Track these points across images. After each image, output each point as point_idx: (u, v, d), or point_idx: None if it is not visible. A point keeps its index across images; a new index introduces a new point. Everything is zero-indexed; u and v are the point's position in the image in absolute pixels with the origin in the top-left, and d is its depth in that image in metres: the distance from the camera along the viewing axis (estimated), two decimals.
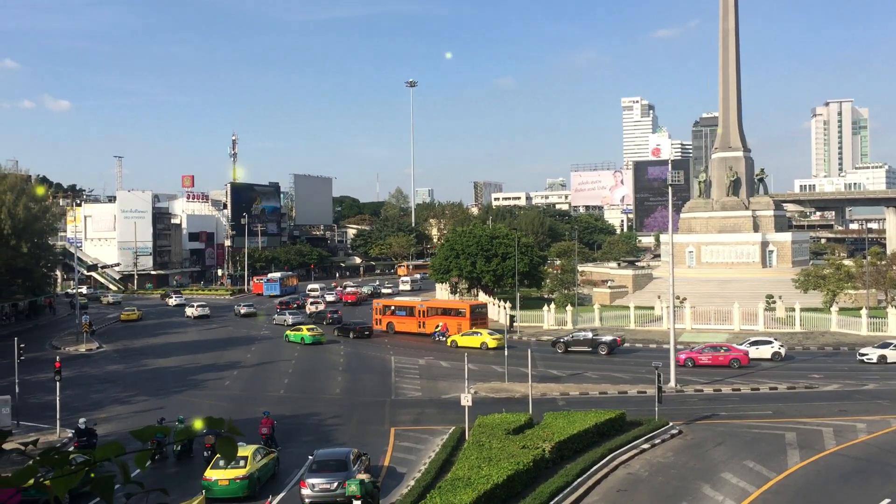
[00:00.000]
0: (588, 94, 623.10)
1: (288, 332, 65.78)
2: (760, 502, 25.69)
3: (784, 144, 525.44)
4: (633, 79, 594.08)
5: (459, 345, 59.00)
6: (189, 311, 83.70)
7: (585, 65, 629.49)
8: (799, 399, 40.63)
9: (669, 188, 53.92)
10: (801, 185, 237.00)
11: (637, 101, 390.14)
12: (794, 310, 65.82)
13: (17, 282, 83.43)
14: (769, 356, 52.21)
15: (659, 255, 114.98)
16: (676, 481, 28.08)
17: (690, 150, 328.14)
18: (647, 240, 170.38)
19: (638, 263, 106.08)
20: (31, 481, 1.63)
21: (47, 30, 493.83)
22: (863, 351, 51.90)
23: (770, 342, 53.74)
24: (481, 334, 60.10)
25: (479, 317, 66.34)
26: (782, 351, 52.79)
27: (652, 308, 72.20)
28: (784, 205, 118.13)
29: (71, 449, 1.84)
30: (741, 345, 53.19)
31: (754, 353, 51.97)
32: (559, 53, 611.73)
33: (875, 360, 50.39)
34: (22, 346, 41.63)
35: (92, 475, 1.80)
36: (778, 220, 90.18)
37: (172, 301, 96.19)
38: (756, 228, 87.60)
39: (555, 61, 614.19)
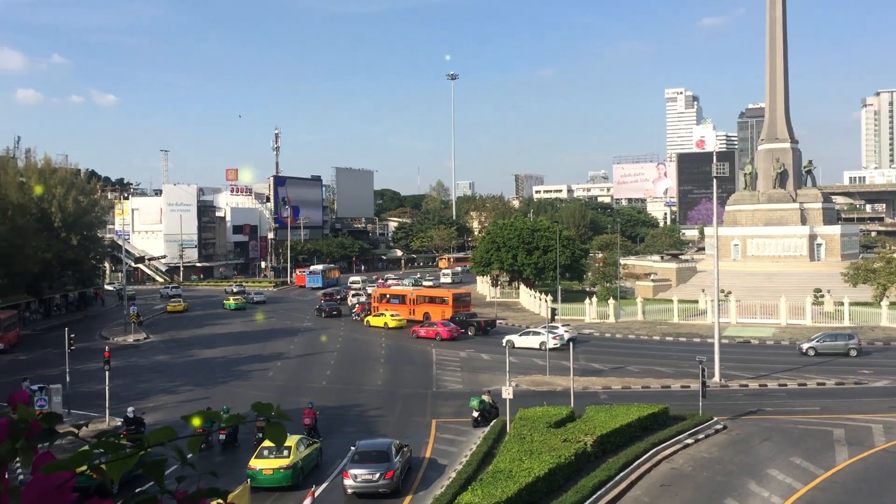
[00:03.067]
0: (631, 85, 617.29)
1: (369, 317, 69.60)
2: (807, 499, 25.26)
3: (833, 135, 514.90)
4: (676, 69, 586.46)
5: (371, 324, 67.96)
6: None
7: (628, 55, 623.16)
8: (847, 395, 39.82)
9: (714, 180, 53.06)
10: (850, 177, 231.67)
11: (681, 92, 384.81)
12: (842, 304, 64.46)
13: (68, 273, 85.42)
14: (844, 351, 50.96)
15: (703, 249, 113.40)
16: (721, 477, 27.74)
17: (736, 142, 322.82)
18: (690, 233, 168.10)
19: (681, 257, 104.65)
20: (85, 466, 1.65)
21: (94, 26, 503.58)
22: None
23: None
24: (385, 315, 67.83)
25: (461, 304, 70.14)
26: (856, 345, 51.43)
27: (696, 302, 71.30)
28: (833, 197, 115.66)
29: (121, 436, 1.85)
30: (813, 339, 52.42)
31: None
32: (601, 43, 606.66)
33: None
34: (72, 336, 42.64)
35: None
36: (826, 213, 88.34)
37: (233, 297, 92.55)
38: (804, 221, 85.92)
39: (597, 52, 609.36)
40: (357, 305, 76.81)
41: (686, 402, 36.65)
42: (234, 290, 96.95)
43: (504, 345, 54.77)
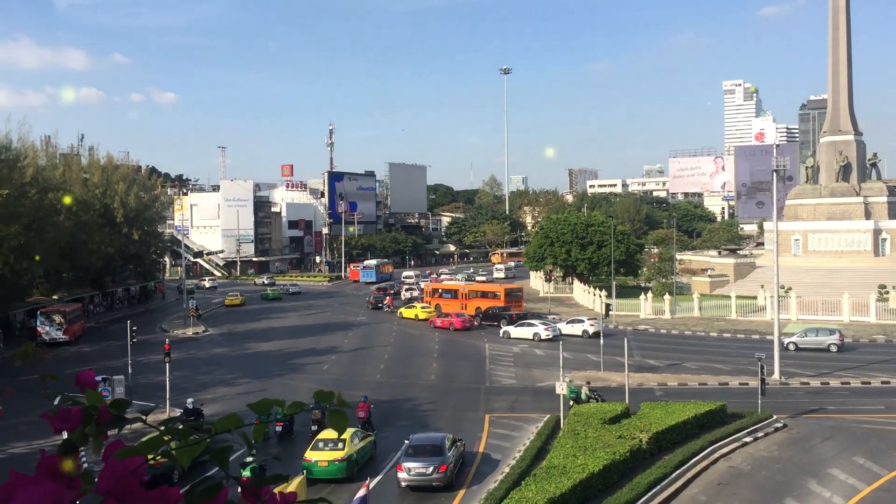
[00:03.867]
0: (687, 77, 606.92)
1: (402, 309, 71.76)
2: (871, 500, 24.60)
3: None
4: (735, 60, 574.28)
5: (403, 315, 69.93)
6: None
7: (684, 47, 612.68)
8: None
9: (774, 174, 51.84)
10: None
11: (739, 84, 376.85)
12: None
13: (130, 268, 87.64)
14: None
15: (762, 244, 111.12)
16: (781, 476, 27.17)
17: (797, 135, 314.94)
18: (749, 227, 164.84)
19: (740, 252, 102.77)
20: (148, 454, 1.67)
21: (153, 25, 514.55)
22: None
23: None
24: (416, 307, 70.19)
25: (513, 299, 69.59)
26: (837, 341, 50.40)
27: (755, 298, 69.90)
28: None
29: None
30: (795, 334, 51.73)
31: None
32: (657, 35, 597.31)
33: None
34: (134, 328, 43.75)
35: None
36: (892, 207, 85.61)
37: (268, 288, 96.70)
38: (868, 215, 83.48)
39: (652, 44, 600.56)
40: (387, 298, 78.82)
41: (744, 400, 36.00)
42: (266, 281, 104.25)
43: (501, 335, 57.52)
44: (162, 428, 1.69)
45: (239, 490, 1.75)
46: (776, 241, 51.30)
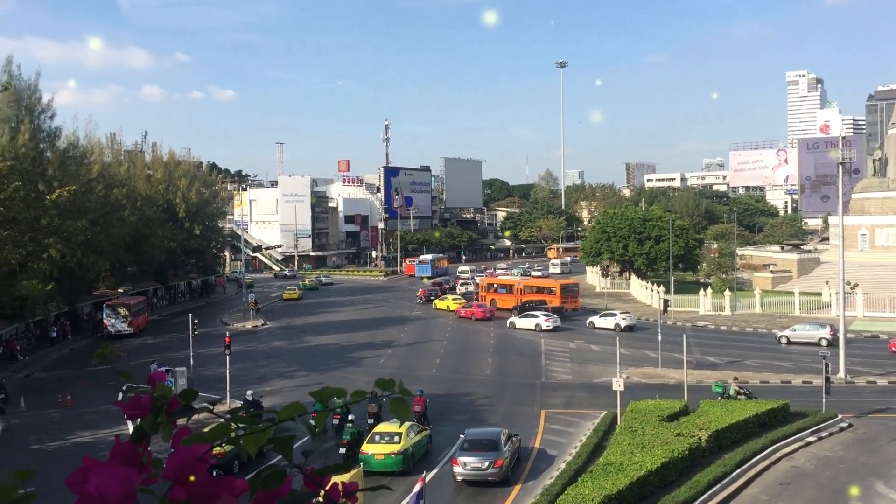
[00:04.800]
0: (748, 68, 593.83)
1: (436, 301, 74.72)
2: None
3: None
4: (799, 51, 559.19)
5: (437, 307, 72.89)
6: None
7: (745, 37, 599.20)
8: None
9: (839, 167, 50.40)
10: None
11: (803, 75, 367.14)
12: None
13: (191, 262, 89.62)
14: None
15: (827, 239, 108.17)
16: (845, 477, 26.46)
17: (864, 126, 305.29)
18: (813, 222, 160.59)
19: (803, 247, 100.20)
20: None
21: (214, 24, 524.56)
22: None
23: None
24: (447, 298, 73.59)
25: (569, 294, 69.17)
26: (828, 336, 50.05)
27: (819, 294, 68.14)
28: None
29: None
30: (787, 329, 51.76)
31: None
32: (717, 26, 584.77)
33: None
34: (195, 321, 44.71)
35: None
36: None
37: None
38: None
39: (711, 34, 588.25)
40: (420, 290, 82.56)
41: (808, 399, 35.16)
42: (287, 273, 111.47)
43: (508, 325, 60.49)
44: (228, 416, 1.72)
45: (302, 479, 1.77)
46: (842, 235, 49.85)
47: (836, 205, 53.66)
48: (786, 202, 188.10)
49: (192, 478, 1.53)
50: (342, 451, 32.14)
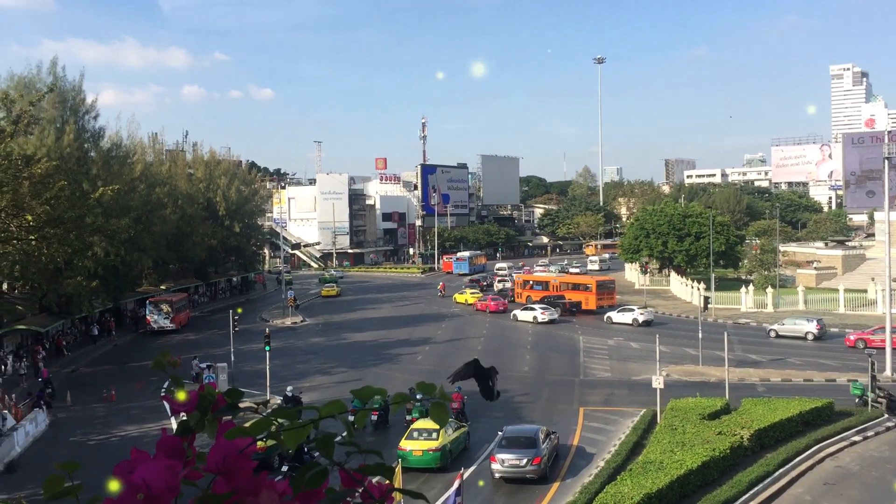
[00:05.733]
0: (791, 62, 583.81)
1: (455, 295, 78.10)
2: None
3: None
4: (843, 44, 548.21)
5: (457, 301, 75.92)
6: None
7: (788, 30, 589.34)
8: None
9: (885, 162, 49.29)
10: None
11: (848, 69, 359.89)
12: None
13: (231, 259, 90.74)
14: None
15: (872, 235, 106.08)
16: (892, 477, 25.91)
17: None
18: (858, 218, 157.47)
19: (848, 243, 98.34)
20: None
21: (250, 24, 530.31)
22: None
23: None
24: (465, 293, 76.28)
25: (605, 291, 69.05)
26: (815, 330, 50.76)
27: (864, 291, 66.83)
28: None
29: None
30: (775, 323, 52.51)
31: None
32: (758, 19, 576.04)
33: None
34: (236, 318, 45.24)
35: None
36: None
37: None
38: None
39: (753, 28, 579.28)
40: (441, 283, 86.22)
41: (853, 398, 34.47)
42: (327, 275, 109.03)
43: (511, 318, 63.20)
44: (269, 412, 1.74)
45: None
46: (888, 231, 48.75)
47: (882, 200, 52.58)
48: (830, 198, 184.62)
49: (235, 471, 1.54)
50: (374, 419, 32.65)
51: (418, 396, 30.25)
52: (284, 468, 25.97)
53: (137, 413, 36.40)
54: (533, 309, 63.83)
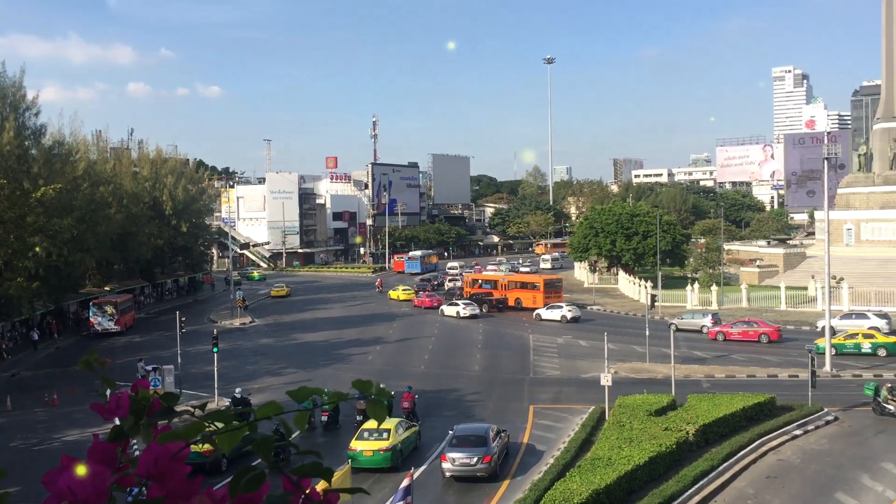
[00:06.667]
0: (736, 64, 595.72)
1: (391, 291, 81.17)
2: None
3: None
4: (785, 46, 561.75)
5: (391, 297, 79.75)
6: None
7: (734, 33, 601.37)
8: None
9: (825, 162, 50.69)
10: None
11: (790, 71, 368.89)
12: None
13: (178, 259, 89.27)
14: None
15: (813, 233, 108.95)
16: (832, 469, 26.67)
17: (849, 122, 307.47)
18: (799, 217, 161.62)
19: (789, 242, 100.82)
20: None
21: (197, 20, 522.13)
22: None
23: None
24: (398, 289, 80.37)
25: (552, 290, 70.19)
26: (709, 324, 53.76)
27: (805, 288, 68.59)
28: None
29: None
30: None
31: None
32: (705, 21, 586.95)
33: None
34: (183, 319, 44.51)
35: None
36: None
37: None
38: None
39: (700, 30, 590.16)
40: (378, 279, 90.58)
41: (794, 393, 35.38)
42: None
43: (440, 313, 67.31)
44: (204, 415, 1.72)
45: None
46: (827, 230, 50.18)
47: (822, 200, 54.01)
48: (772, 197, 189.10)
49: (167, 475, 1.53)
50: (359, 419, 32.68)
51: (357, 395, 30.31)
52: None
53: (81, 417, 35.54)
54: (457, 304, 67.22)
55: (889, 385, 32.87)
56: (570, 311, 62.81)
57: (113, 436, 1.71)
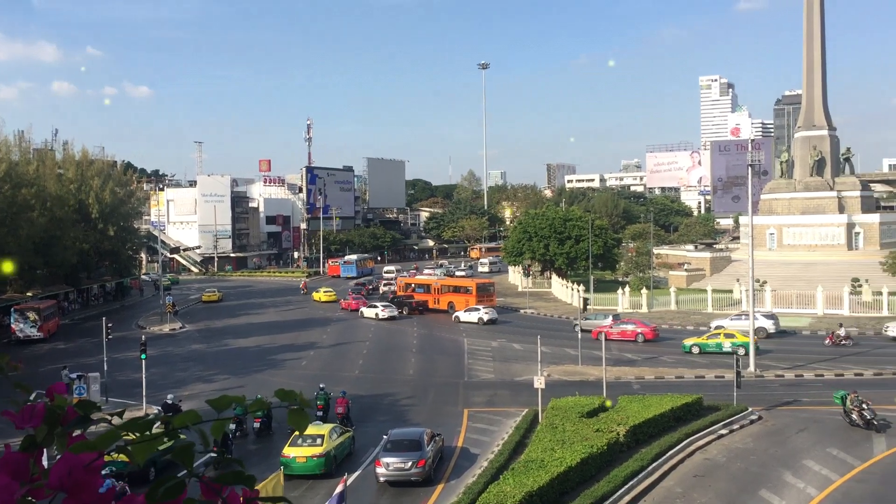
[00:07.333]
0: (665, 72, 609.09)
1: (314, 293, 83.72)
2: (843, 490, 24.96)
3: (873, 122, 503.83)
4: (712, 56, 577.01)
5: (314, 298, 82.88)
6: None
7: (664, 42, 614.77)
8: (886, 385, 39.16)
9: (749, 168, 52.31)
10: (890, 165, 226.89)
11: (716, 80, 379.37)
12: (881, 293, 63.36)
13: (105, 264, 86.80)
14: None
15: (738, 238, 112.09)
16: (756, 468, 27.49)
17: (772, 130, 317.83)
18: (725, 222, 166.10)
19: (716, 246, 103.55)
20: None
21: (125, 18, 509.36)
22: None
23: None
24: (320, 291, 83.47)
25: (485, 294, 71.24)
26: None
27: (730, 291, 70.56)
28: (872, 185, 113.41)
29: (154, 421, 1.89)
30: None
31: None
32: (636, 30, 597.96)
33: None
34: (110, 325, 43.31)
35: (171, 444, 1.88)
36: (865, 201, 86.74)
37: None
38: (841, 210, 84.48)
39: (631, 39, 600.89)
40: (303, 282, 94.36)
41: (720, 393, 36.35)
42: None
43: (360, 315, 69.24)
44: (118, 423, 1.70)
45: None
46: (751, 235, 51.78)
47: (746, 205, 55.67)
48: (699, 202, 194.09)
49: (80, 487, 1.51)
50: (319, 414, 32.49)
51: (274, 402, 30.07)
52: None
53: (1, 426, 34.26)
54: (375, 306, 69.13)
55: (854, 394, 32.77)
56: (486, 313, 64.57)
57: (26, 445, 1.67)
